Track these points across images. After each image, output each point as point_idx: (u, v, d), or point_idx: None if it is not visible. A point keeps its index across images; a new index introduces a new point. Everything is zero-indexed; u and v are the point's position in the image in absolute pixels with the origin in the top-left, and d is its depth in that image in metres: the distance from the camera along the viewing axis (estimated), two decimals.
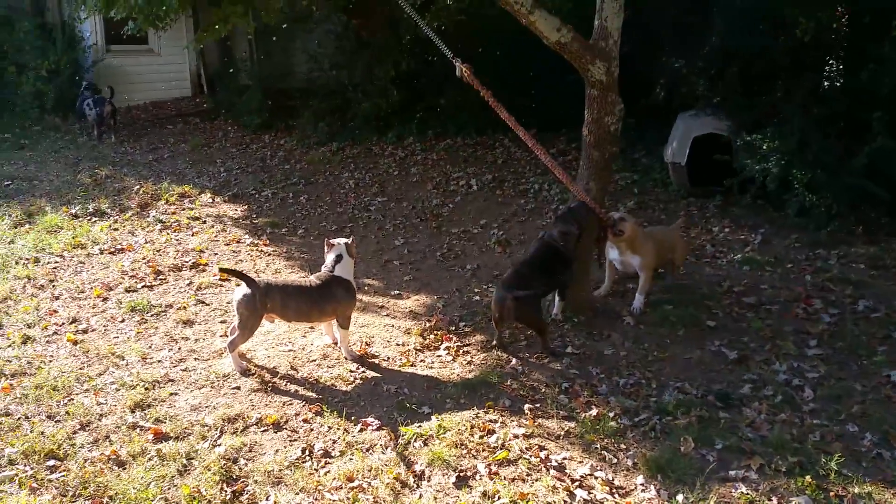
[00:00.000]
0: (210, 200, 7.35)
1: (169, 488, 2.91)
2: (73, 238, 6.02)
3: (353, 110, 9.77)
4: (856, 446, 3.17)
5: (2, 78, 10.61)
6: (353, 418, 3.44)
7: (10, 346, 4.15)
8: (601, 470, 3.03)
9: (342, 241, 3.92)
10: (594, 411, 3.45)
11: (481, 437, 3.23)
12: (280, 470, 3.04)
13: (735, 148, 6.49)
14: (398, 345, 4.22)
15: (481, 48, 9.03)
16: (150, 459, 3.08)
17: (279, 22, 10.43)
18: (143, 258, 5.66)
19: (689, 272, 5.21)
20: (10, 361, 3.95)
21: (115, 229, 6.39)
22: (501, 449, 3.13)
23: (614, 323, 4.43)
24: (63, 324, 4.48)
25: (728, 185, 6.61)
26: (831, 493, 2.84)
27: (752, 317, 4.46)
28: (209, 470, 3.00)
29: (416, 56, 9.62)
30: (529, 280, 3.98)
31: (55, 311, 4.66)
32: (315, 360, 4.04)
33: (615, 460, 3.10)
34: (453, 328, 4.41)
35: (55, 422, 3.39)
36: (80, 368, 3.91)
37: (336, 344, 4.13)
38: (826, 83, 6.54)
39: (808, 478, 2.92)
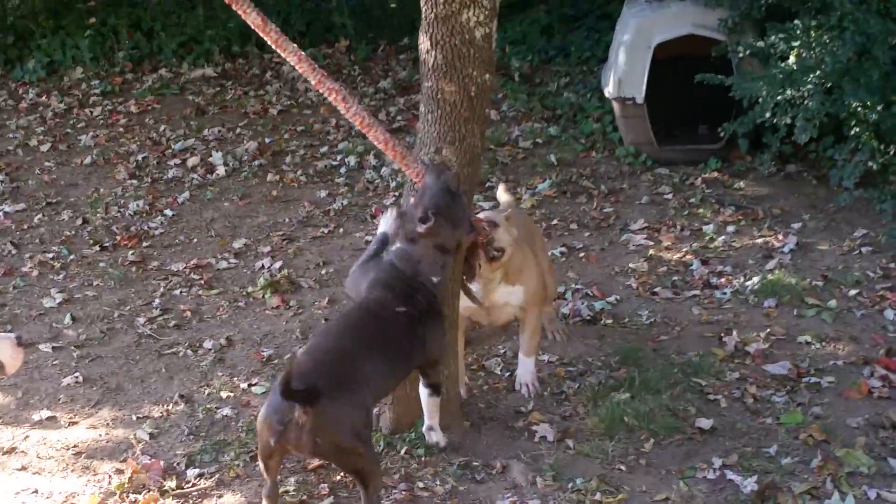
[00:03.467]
0: None
1: None
2: None
3: None
4: None
5: None
6: None
7: None
8: None
9: None
10: None
11: None
12: None
13: (736, 64, 6.85)
14: None
15: None
16: None
17: None
18: None
19: (668, 313, 5.51)
20: None
21: None
22: None
23: (513, 437, 4.53)
24: None
25: (725, 137, 7.02)
26: None
27: (782, 402, 4.63)
28: None
29: None
30: (349, 366, 3.95)
31: None
32: None
33: None
34: (174, 482, 4.32)
35: None
36: None
37: None
38: None
39: None
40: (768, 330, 5.27)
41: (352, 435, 3.88)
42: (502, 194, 5.65)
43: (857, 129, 6.20)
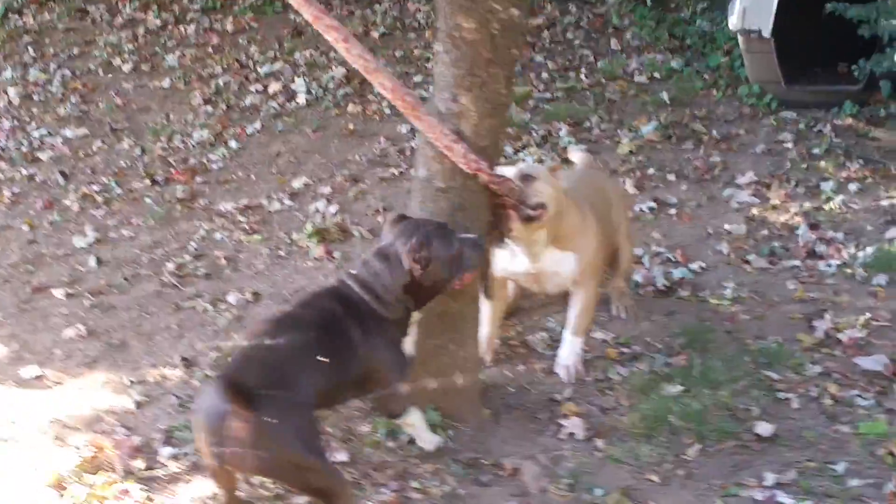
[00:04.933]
0: None
1: None
2: None
3: None
4: None
5: None
6: None
7: None
8: None
9: None
10: None
11: None
12: None
13: None
14: None
15: None
16: None
17: None
18: None
19: (757, 287, 5.24)
20: None
21: None
22: None
23: (537, 432, 4.29)
24: None
25: (863, 78, 6.75)
26: None
27: (866, 406, 4.20)
28: None
29: None
30: (285, 367, 3.78)
31: None
32: None
33: None
34: (143, 462, 4.16)
35: None
36: None
37: None
38: None
39: None
40: (869, 314, 4.90)
41: (302, 446, 3.69)
42: (576, 154, 5.48)
43: None
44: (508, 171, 4.35)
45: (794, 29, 7.10)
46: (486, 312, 4.62)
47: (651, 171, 6.48)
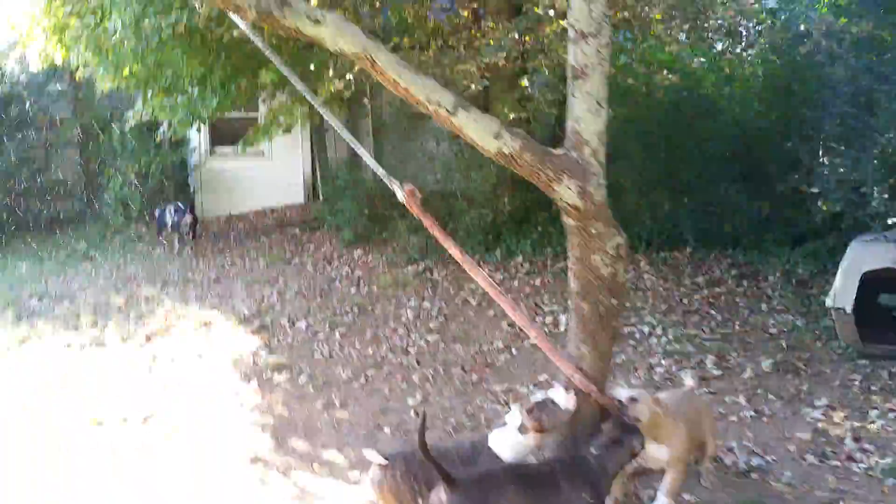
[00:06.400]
0: (229, 331, 10.80)
1: None
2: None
3: (455, 222, 13.19)
4: None
5: (95, 183, 17.03)
6: None
7: None
8: None
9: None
10: None
11: None
12: None
13: None
14: None
15: None
16: None
17: (396, 118, 15.18)
18: None
19: (806, 477, 6.43)
20: None
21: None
22: None
23: None
24: None
25: None
26: None
27: None
28: None
29: None
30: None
31: None
32: None
33: None
34: None
35: None
36: None
37: None
38: None
39: None
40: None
41: None
42: (687, 379, 6.62)
43: None
44: (622, 394, 5.47)
45: (870, 305, 8.64)
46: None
47: (759, 391, 8.09)
